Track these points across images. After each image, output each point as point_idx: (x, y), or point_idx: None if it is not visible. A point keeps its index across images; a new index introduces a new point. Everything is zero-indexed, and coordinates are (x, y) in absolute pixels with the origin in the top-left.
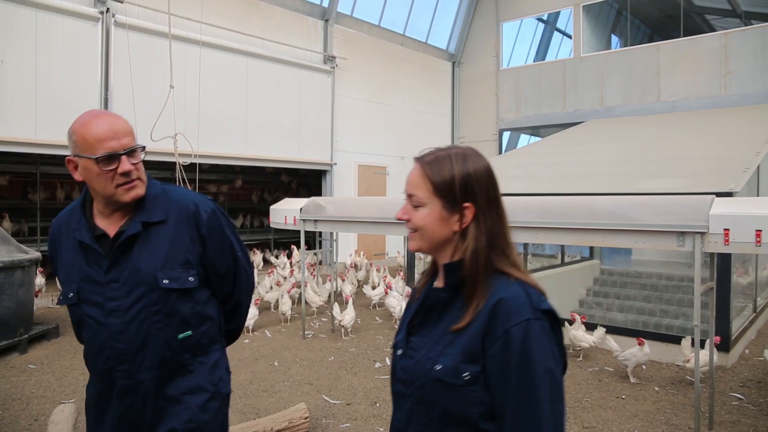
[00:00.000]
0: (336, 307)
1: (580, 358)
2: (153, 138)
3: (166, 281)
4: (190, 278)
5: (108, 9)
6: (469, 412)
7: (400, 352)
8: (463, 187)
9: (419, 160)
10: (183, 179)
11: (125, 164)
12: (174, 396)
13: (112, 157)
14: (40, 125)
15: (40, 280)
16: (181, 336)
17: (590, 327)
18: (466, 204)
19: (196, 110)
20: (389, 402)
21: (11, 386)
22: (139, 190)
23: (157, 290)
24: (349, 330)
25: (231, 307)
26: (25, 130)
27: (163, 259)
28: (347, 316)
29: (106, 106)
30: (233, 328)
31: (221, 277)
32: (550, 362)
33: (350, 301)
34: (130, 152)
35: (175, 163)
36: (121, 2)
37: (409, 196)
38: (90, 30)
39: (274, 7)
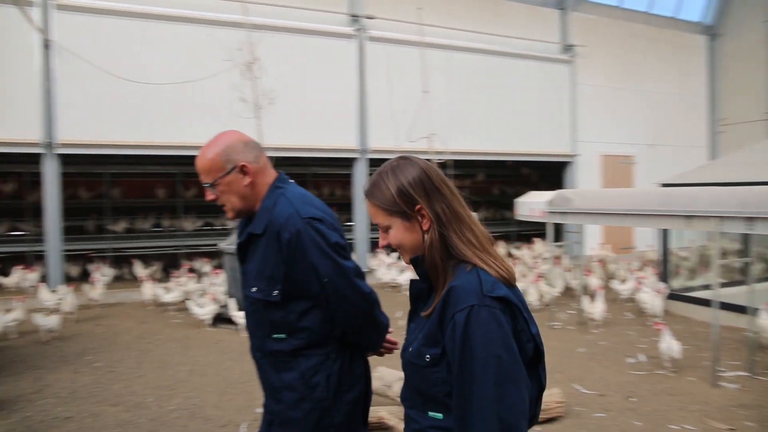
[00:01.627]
0: (584, 299)
1: None
2: (409, 139)
3: (254, 289)
4: (274, 293)
5: (361, 27)
6: (435, 391)
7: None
8: (403, 197)
9: (365, 193)
10: None
11: (207, 195)
12: (277, 387)
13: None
14: (310, 131)
15: None
16: (275, 336)
17: None
18: (417, 206)
19: (444, 110)
20: (646, 397)
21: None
22: (228, 214)
23: (251, 295)
24: (599, 323)
25: (339, 331)
26: (297, 138)
27: (256, 270)
28: (597, 309)
29: (362, 113)
30: (358, 342)
31: (313, 298)
32: (496, 348)
33: (600, 294)
34: (210, 185)
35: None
36: (373, 18)
37: (377, 224)
38: (347, 46)
39: (509, 2)
